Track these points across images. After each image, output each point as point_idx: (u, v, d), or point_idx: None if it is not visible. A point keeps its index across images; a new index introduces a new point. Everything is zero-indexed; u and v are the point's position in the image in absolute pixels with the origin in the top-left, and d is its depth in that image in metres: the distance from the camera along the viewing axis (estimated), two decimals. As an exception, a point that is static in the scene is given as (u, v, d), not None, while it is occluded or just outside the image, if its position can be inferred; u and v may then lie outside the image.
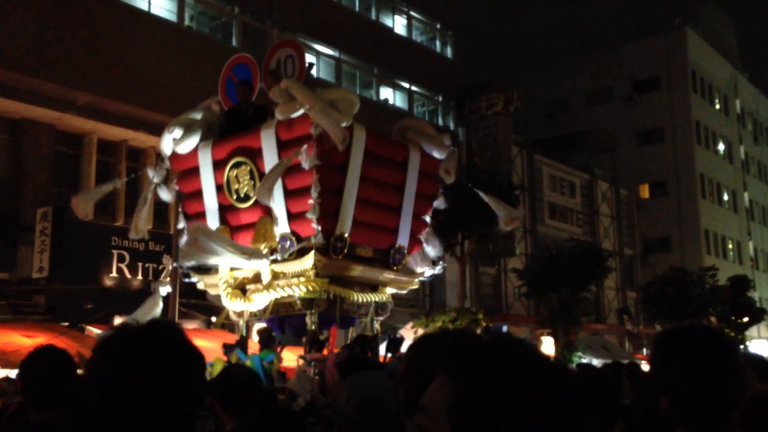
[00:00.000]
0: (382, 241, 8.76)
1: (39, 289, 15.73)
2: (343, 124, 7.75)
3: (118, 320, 16.74)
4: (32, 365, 2.76)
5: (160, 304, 9.16)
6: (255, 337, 12.83)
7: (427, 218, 9.32)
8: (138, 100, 17.57)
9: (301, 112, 7.80)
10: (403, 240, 8.82)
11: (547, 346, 21.72)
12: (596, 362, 16.69)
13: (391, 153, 8.66)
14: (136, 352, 1.40)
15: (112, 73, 17.16)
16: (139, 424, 1.36)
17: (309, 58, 18.86)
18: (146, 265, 18.04)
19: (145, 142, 18.60)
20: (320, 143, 7.70)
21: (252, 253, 7.97)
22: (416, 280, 9.39)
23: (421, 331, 15.38)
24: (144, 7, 18.81)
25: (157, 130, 18.05)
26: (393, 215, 8.72)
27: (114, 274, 17.45)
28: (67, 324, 14.64)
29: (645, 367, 6.92)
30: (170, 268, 9.35)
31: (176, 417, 1.40)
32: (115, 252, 17.51)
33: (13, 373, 10.88)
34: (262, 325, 11.46)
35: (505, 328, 17.14)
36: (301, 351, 8.97)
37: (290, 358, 10.36)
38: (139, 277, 17.87)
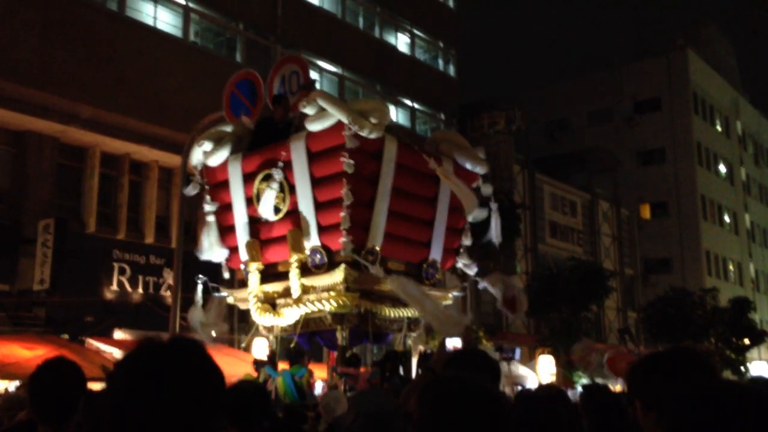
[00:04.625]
0: (414, 254, 8.59)
1: (39, 302, 15.69)
2: (374, 135, 7.65)
3: (118, 333, 16.71)
4: (41, 377, 2.69)
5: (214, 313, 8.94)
6: (254, 352, 12.80)
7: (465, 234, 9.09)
8: (141, 113, 17.64)
9: (331, 122, 7.69)
10: (435, 254, 8.64)
11: (547, 365, 21.62)
12: (598, 381, 16.57)
13: (423, 165, 8.42)
14: (156, 368, 1.40)
15: (116, 86, 17.23)
16: None
17: (312, 74, 18.93)
18: (147, 278, 18.04)
19: (148, 156, 18.64)
20: (352, 154, 7.59)
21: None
22: (450, 295, 9.14)
23: (421, 348, 15.31)
24: (149, 21, 18.93)
25: (160, 144, 18.26)
26: (425, 228, 8.55)
27: (114, 287, 17.44)
28: (67, 336, 14.59)
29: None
30: (198, 280, 9.12)
31: None
32: (116, 265, 17.51)
33: (12, 386, 10.84)
34: (263, 341, 11.42)
35: (518, 353, 17.14)
36: (324, 367, 8.86)
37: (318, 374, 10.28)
38: (140, 290, 17.85)
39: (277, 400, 7.77)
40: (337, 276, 7.76)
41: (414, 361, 8.43)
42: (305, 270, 8.03)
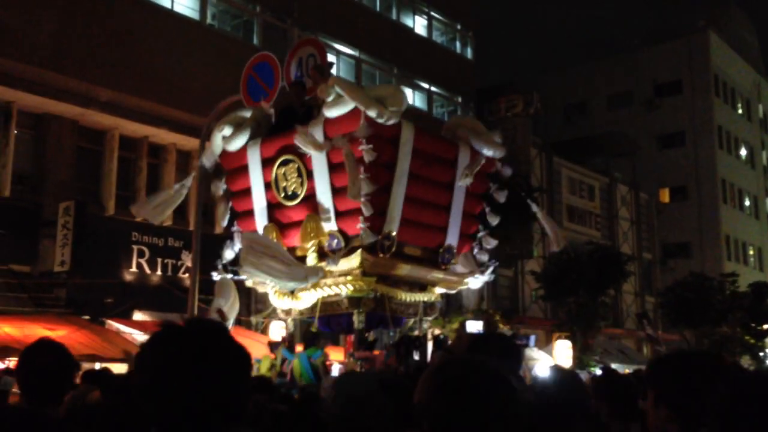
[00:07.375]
0: (431, 240, 8.61)
1: (60, 283, 15.88)
2: (392, 121, 7.65)
3: (137, 315, 16.88)
4: (29, 360, 2.68)
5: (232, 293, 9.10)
6: (271, 335, 12.87)
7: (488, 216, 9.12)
8: (160, 96, 17.70)
9: (348, 108, 7.69)
10: (452, 239, 8.65)
11: (564, 349, 21.60)
12: (614, 366, 16.58)
13: (440, 150, 8.48)
14: (182, 349, 1.42)
15: (134, 69, 17.29)
16: (182, 421, 1.38)
17: (329, 57, 18.88)
18: (165, 260, 18.18)
19: (166, 139, 18.73)
20: (369, 140, 7.58)
21: (308, 272, 7.85)
22: (466, 280, 9.15)
23: (437, 332, 15.34)
24: (167, 4, 18.94)
25: (178, 127, 18.33)
26: (442, 214, 8.57)
27: (134, 269, 17.60)
28: (87, 318, 14.76)
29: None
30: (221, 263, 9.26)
31: (220, 415, 1.41)
32: (135, 247, 17.66)
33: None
34: (279, 323, 11.49)
35: (532, 340, 17.16)
36: (341, 350, 8.89)
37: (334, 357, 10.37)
38: (159, 272, 18.00)
39: (293, 382, 7.83)
40: (354, 261, 7.79)
41: (429, 345, 8.46)
42: (322, 254, 8.06)
